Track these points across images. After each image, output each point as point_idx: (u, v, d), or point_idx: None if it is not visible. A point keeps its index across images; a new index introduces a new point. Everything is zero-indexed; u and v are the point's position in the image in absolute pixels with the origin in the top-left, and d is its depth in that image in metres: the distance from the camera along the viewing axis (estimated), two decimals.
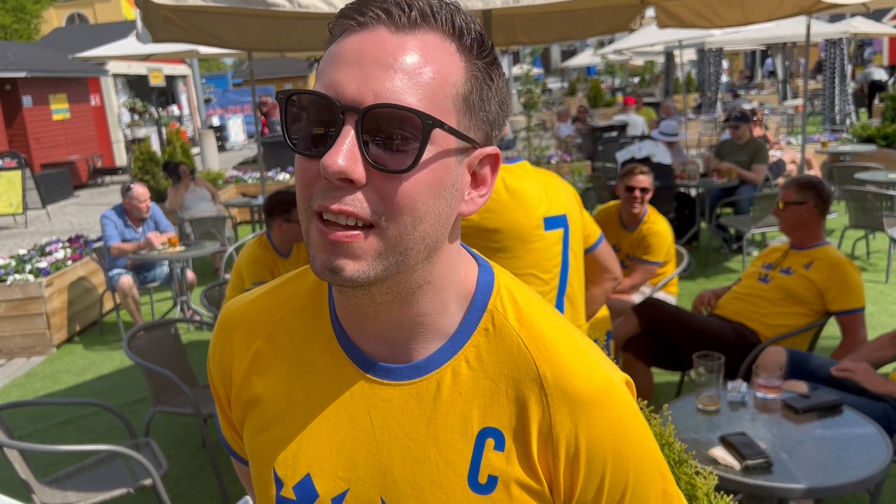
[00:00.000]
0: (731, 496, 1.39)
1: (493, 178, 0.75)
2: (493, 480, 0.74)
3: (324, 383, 0.79)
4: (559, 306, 2.26)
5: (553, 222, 2.18)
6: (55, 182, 14.31)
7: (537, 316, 0.78)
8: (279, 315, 0.84)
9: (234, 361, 0.85)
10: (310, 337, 0.82)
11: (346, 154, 0.64)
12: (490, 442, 0.75)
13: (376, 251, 0.67)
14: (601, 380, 0.75)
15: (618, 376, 0.78)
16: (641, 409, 1.59)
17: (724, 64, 24.09)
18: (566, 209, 2.22)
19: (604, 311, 2.89)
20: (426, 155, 0.66)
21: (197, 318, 5.72)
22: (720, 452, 2.14)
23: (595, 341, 2.82)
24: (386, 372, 0.77)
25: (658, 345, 3.45)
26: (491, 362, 0.76)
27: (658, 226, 4.07)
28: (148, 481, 2.70)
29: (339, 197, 0.65)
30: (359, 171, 0.64)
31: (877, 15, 17.83)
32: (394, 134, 0.65)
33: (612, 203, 4.40)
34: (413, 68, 0.65)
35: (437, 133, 0.66)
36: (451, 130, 0.67)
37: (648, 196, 4.13)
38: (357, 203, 0.65)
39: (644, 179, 4.13)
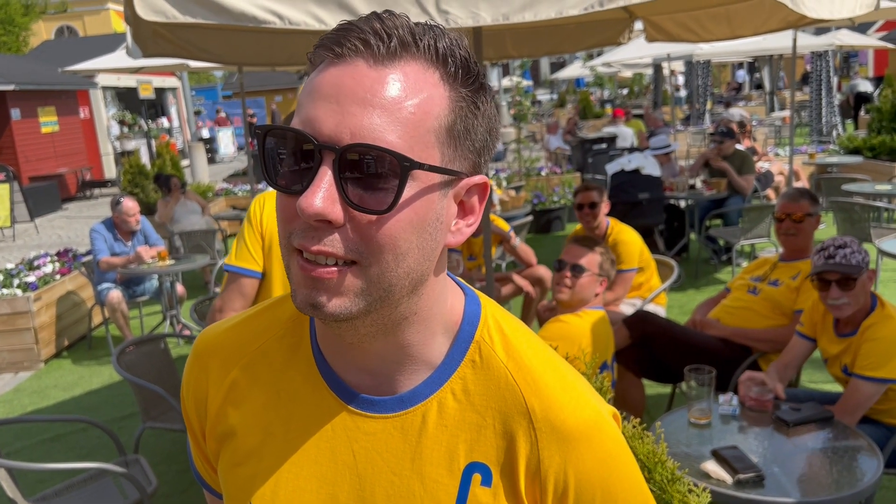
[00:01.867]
0: None
1: (481, 207, 0.72)
2: None
3: (304, 415, 0.77)
4: None
5: None
6: (43, 195, 14.23)
7: (524, 347, 0.77)
8: (257, 344, 0.81)
9: (210, 391, 0.82)
10: (289, 367, 0.79)
11: (323, 195, 0.62)
12: (477, 477, 0.73)
13: (359, 287, 0.65)
14: (590, 414, 0.74)
15: (606, 410, 0.77)
16: (634, 427, 1.59)
17: (681, 79, 24.19)
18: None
19: (609, 336, 2.89)
20: (406, 194, 0.63)
21: (187, 332, 5.68)
22: (712, 466, 2.14)
23: (604, 365, 2.76)
24: (369, 404, 0.75)
25: (649, 357, 3.45)
26: (478, 395, 0.74)
27: (623, 235, 4.11)
28: (137, 499, 2.68)
29: (318, 237, 0.63)
30: (336, 212, 0.62)
31: (862, 28, 18.04)
32: (372, 173, 0.62)
33: (578, 227, 4.43)
34: (392, 103, 0.63)
35: (418, 171, 0.64)
36: (433, 168, 0.64)
37: (600, 210, 4.17)
38: (336, 243, 0.63)
39: (590, 195, 4.17)
